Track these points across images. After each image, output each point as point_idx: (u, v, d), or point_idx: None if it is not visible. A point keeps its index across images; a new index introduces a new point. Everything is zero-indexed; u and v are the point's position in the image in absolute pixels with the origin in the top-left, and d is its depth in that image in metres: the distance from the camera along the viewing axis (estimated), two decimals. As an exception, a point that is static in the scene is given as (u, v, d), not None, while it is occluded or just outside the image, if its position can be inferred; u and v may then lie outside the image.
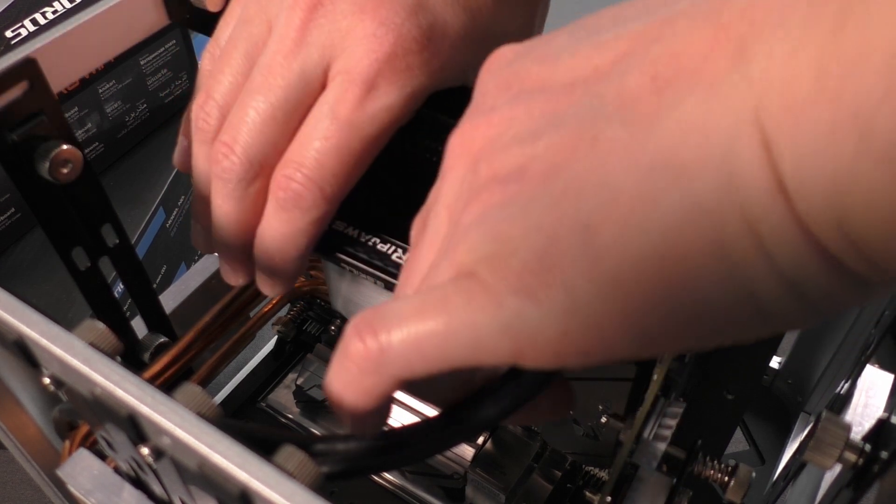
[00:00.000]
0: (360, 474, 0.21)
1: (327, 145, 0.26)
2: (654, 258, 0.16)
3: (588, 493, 0.39)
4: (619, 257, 0.16)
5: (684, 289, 0.16)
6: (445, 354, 0.19)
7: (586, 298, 0.17)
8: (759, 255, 0.15)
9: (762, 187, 0.15)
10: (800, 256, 0.15)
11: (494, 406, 0.21)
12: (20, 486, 0.55)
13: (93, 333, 0.21)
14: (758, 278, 0.16)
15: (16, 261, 0.62)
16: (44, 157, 0.28)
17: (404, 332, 0.19)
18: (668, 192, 0.16)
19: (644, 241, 0.16)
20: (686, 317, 0.16)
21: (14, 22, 0.61)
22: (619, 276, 0.16)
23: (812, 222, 0.15)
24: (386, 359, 0.19)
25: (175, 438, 0.18)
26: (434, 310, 0.19)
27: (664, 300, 0.16)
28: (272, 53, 0.27)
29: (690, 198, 0.16)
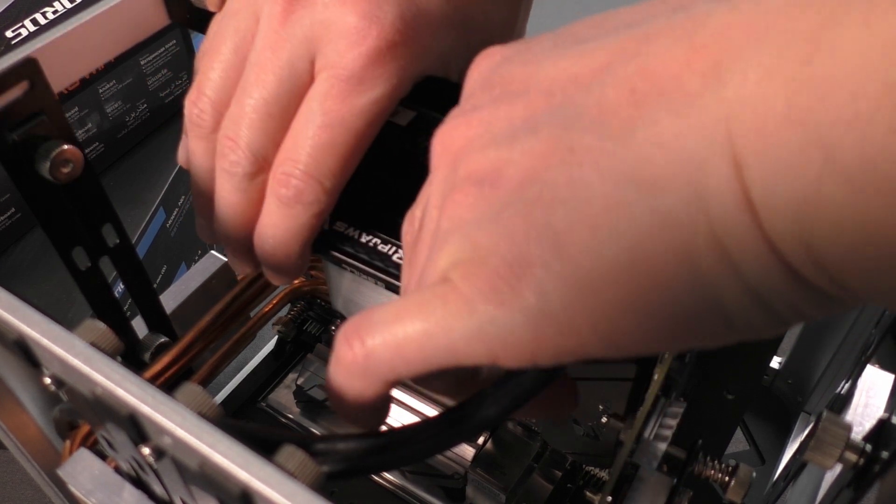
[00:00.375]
0: (361, 474, 0.21)
1: (321, 141, 0.27)
2: (624, 266, 0.17)
3: (588, 493, 0.39)
4: (589, 264, 0.17)
5: (653, 296, 0.17)
6: (425, 357, 0.20)
7: (556, 303, 0.17)
8: (726, 268, 0.16)
9: (731, 203, 0.15)
10: (765, 271, 0.16)
11: (494, 406, 0.21)
12: (20, 485, 0.55)
13: (93, 333, 0.21)
14: (724, 289, 0.16)
15: (16, 261, 0.62)
16: (44, 157, 0.29)
17: (385, 336, 0.20)
18: (638, 203, 0.16)
19: (614, 249, 0.17)
20: (654, 322, 0.17)
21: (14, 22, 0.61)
22: (589, 282, 0.17)
23: (778, 239, 0.15)
24: (371, 363, 0.20)
25: (176, 438, 0.18)
26: (412, 315, 0.20)
27: (632, 307, 0.17)
28: (260, 48, 0.27)
29: (660, 210, 0.16)
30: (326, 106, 0.26)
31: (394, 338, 0.20)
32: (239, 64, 0.28)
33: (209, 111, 0.28)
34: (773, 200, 0.15)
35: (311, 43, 0.27)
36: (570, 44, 0.20)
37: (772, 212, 0.15)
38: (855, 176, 0.14)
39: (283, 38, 0.27)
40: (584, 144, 0.17)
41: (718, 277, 0.16)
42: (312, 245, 0.30)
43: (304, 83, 0.27)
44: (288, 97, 0.27)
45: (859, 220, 0.14)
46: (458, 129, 0.21)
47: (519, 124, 0.19)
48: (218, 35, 0.29)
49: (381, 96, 0.27)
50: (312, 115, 0.27)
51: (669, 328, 0.17)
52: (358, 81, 0.26)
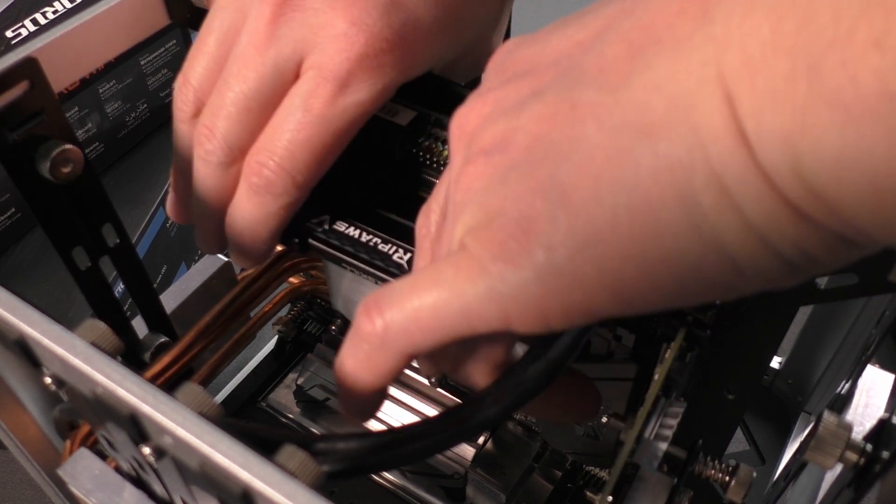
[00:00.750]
0: (362, 473, 0.21)
1: (299, 137, 0.27)
2: (626, 212, 0.17)
3: (588, 493, 0.39)
4: (594, 214, 0.17)
5: (656, 242, 0.17)
6: (441, 324, 0.20)
7: (564, 257, 0.18)
8: (728, 207, 0.16)
9: (726, 139, 0.15)
10: (766, 206, 0.16)
11: (495, 405, 0.21)
12: (20, 485, 0.55)
13: (94, 333, 0.21)
14: (728, 231, 0.16)
15: (16, 261, 0.62)
16: (44, 157, 0.28)
17: (403, 305, 0.20)
18: (636, 149, 0.17)
19: (616, 197, 0.17)
20: (660, 271, 0.17)
21: (14, 22, 0.61)
22: (594, 232, 0.17)
23: (773, 171, 0.15)
24: (390, 334, 0.21)
25: (177, 438, 0.18)
26: (427, 283, 0.20)
27: (638, 255, 0.17)
28: (245, 45, 0.28)
29: (659, 153, 0.16)
30: (308, 103, 0.27)
31: (410, 306, 0.20)
32: (222, 57, 0.29)
33: (191, 98, 0.29)
34: (765, 131, 0.15)
35: (298, 45, 0.27)
36: (573, 18, 0.20)
37: (765, 143, 0.15)
38: (839, 96, 0.14)
39: (270, 37, 0.27)
40: (584, 100, 0.18)
41: (720, 217, 0.16)
42: (313, 244, 0.30)
43: (286, 83, 0.28)
44: (268, 95, 0.28)
45: (843, 142, 0.14)
46: (473, 111, 0.21)
47: (527, 94, 0.20)
48: (205, 27, 0.29)
49: (364, 100, 0.27)
50: (293, 111, 0.27)
51: (676, 277, 0.17)
52: (343, 84, 0.27)
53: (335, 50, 0.27)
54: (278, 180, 0.27)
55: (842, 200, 0.15)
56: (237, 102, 0.28)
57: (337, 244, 0.30)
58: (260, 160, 0.28)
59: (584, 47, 0.19)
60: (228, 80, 0.28)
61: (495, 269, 0.19)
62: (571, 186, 0.17)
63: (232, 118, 0.28)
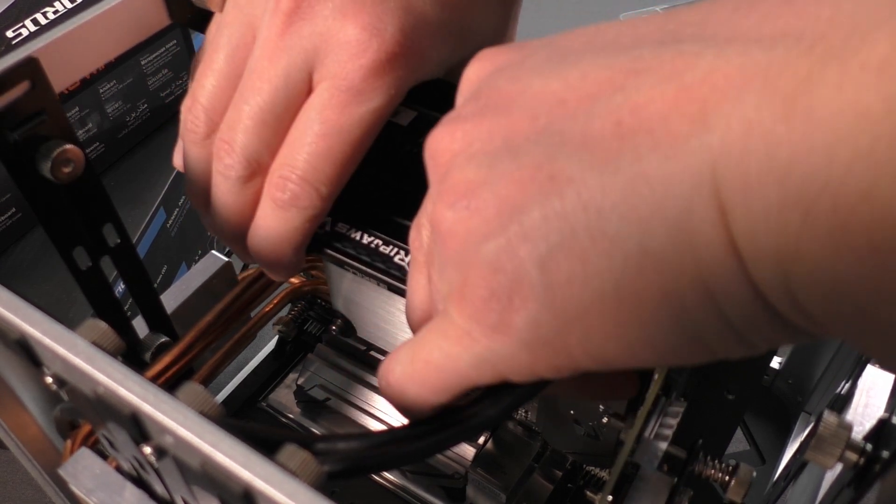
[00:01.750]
0: (362, 473, 0.21)
1: (318, 149, 0.27)
2: (610, 298, 0.17)
3: (589, 492, 0.39)
4: (578, 293, 0.17)
5: (637, 327, 0.17)
6: (445, 387, 0.21)
7: (547, 330, 0.18)
8: (710, 308, 0.16)
9: (718, 249, 0.16)
10: (749, 313, 0.16)
11: (495, 405, 0.21)
12: (21, 485, 0.55)
13: (95, 332, 0.21)
14: (706, 326, 0.17)
15: (16, 261, 0.62)
16: (45, 157, 0.28)
17: (409, 374, 0.22)
18: (623, 240, 0.17)
19: (600, 282, 0.17)
20: (640, 348, 0.18)
21: (15, 22, 0.61)
22: (578, 310, 0.18)
23: (763, 285, 0.16)
24: (407, 394, 0.22)
25: (178, 437, 0.18)
26: (424, 353, 0.21)
27: (622, 336, 0.18)
28: (258, 57, 0.28)
29: (646, 249, 0.16)
30: (325, 115, 0.27)
31: (416, 374, 0.21)
32: (232, 73, 0.29)
33: (203, 118, 0.29)
34: (758, 249, 0.15)
35: (310, 54, 0.27)
36: (560, 61, 0.19)
37: (757, 261, 0.15)
38: (830, 239, 0.14)
39: (282, 48, 0.27)
40: (565, 174, 0.17)
41: (701, 316, 0.17)
42: (314, 245, 0.30)
43: (300, 93, 0.28)
44: (283, 106, 0.28)
45: (835, 277, 0.14)
46: (443, 142, 0.21)
47: (499, 143, 0.19)
48: (212, 44, 0.29)
49: (379, 106, 0.27)
50: (311, 124, 0.27)
51: (654, 353, 0.18)
52: (357, 92, 0.27)
53: (348, 57, 0.26)
54: (303, 193, 0.28)
55: (828, 320, 0.15)
56: (253, 115, 0.28)
57: (338, 246, 0.30)
58: (283, 174, 0.28)
59: (567, 110, 0.18)
60: (244, 94, 0.28)
61: (483, 341, 0.19)
62: (554, 265, 0.17)
63: (249, 131, 0.28)
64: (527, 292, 0.18)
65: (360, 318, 0.43)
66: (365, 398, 0.45)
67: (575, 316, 0.18)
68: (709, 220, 0.16)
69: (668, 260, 0.16)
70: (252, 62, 0.28)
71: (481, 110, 0.20)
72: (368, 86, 0.27)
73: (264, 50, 0.28)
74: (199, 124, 0.29)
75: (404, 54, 0.27)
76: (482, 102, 0.21)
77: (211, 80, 0.29)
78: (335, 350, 0.46)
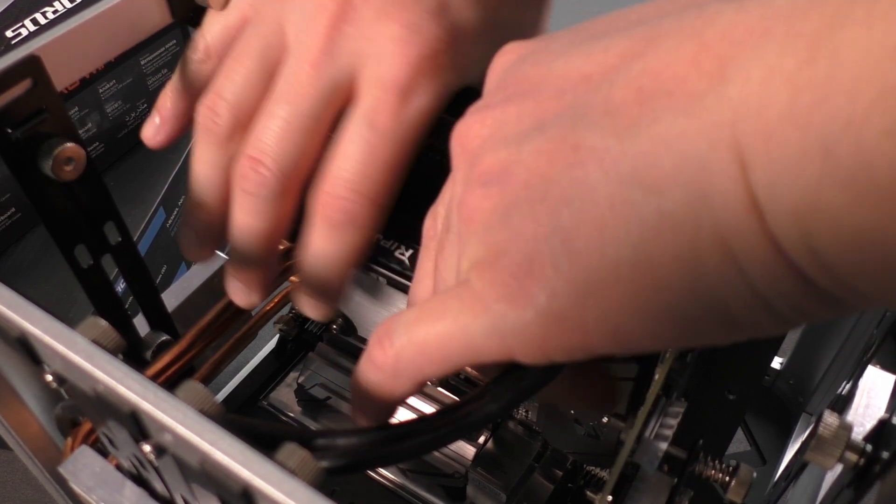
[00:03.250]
0: (361, 469, 0.21)
1: (371, 157, 0.26)
2: (629, 266, 0.17)
3: (589, 492, 0.39)
4: (596, 262, 0.17)
5: (657, 297, 0.17)
6: (447, 356, 0.20)
7: (566, 303, 0.18)
8: (732, 269, 0.16)
9: (736, 205, 0.15)
10: (771, 272, 0.16)
11: (494, 402, 0.21)
12: (21, 485, 0.55)
13: (95, 331, 0.21)
14: (729, 290, 0.16)
15: (16, 261, 0.62)
16: (47, 155, 0.28)
17: (411, 337, 0.21)
18: (641, 204, 0.16)
19: (619, 250, 0.17)
20: (658, 322, 0.17)
21: (14, 22, 0.61)
22: (596, 280, 0.17)
23: (784, 241, 0.15)
24: (401, 363, 0.21)
25: (177, 435, 0.18)
26: (433, 316, 0.20)
27: (637, 306, 0.17)
28: (298, 61, 0.26)
29: (664, 210, 0.16)
30: (375, 120, 0.26)
31: (418, 338, 0.21)
32: (264, 73, 0.27)
33: (226, 116, 0.27)
34: (778, 202, 0.15)
35: (355, 58, 0.26)
36: (580, 42, 0.20)
37: (777, 213, 0.15)
38: (852, 180, 0.14)
39: (327, 52, 0.26)
40: (588, 143, 0.17)
41: (723, 278, 0.16)
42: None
43: (341, 99, 0.27)
44: (323, 111, 0.26)
45: (858, 225, 0.14)
46: (473, 129, 0.21)
47: (528, 123, 0.19)
48: (244, 40, 0.28)
49: (429, 105, 0.27)
50: (360, 130, 0.26)
51: (673, 328, 0.17)
52: (405, 92, 0.26)
53: (393, 56, 0.26)
54: (359, 209, 0.26)
55: (852, 275, 0.15)
56: (290, 122, 0.26)
57: None
58: (334, 191, 0.26)
59: (590, 84, 0.18)
60: (278, 101, 0.26)
61: (498, 308, 0.19)
62: (574, 233, 0.17)
63: (284, 140, 0.26)
64: (546, 261, 0.18)
65: (361, 317, 0.43)
66: (365, 398, 0.45)
67: (592, 287, 0.17)
68: (727, 174, 0.15)
69: (685, 220, 0.16)
70: (292, 65, 0.26)
71: (509, 97, 0.21)
72: (416, 84, 0.26)
73: (307, 53, 0.26)
74: (221, 122, 0.27)
75: (447, 51, 0.27)
76: (510, 90, 0.21)
77: (238, 79, 0.27)
78: (336, 349, 0.46)
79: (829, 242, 0.15)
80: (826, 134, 0.14)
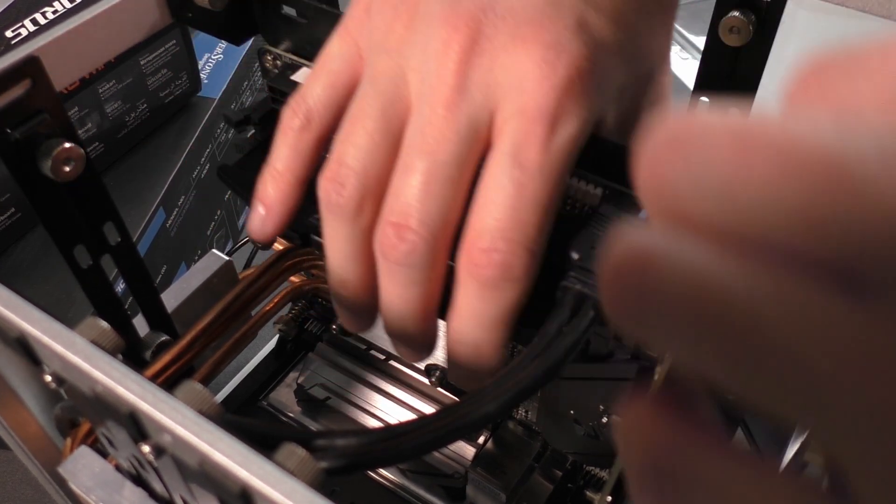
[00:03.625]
0: (360, 469, 0.21)
1: (522, 199, 0.23)
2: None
3: (589, 492, 0.39)
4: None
5: None
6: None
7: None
8: None
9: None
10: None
11: (493, 402, 0.21)
12: (20, 485, 0.55)
13: (94, 331, 0.21)
14: None
15: (16, 261, 0.62)
16: (46, 156, 0.28)
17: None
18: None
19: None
20: None
21: (14, 22, 0.61)
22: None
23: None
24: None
25: (176, 436, 0.18)
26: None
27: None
28: (430, 106, 0.24)
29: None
30: (522, 158, 0.23)
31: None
32: (389, 132, 0.24)
33: (354, 185, 0.24)
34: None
35: (492, 90, 0.24)
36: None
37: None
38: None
39: (461, 91, 0.23)
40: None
41: None
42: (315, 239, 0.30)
43: (483, 139, 0.24)
44: (466, 157, 0.24)
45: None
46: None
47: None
48: (362, 98, 0.25)
49: (576, 133, 0.24)
50: (507, 171, 0.23)
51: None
52: (552, 120, 0.23)
53: (535, 82, 0.23)
54: (515, 260, 0.23)
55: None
56: (433, 175, 0.23)
57: None
58: (485, 246, 0.23)
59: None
60: (417, 152, 0.24)
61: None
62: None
63: (431, 195, 0.23)
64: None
65: (360, 318, 0.43)
66: (365, 397, 0.45)
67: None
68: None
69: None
70: (424, 112, 0.24)
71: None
72: (563, 110, 0.23)
73: (438, 97, 0.23)
74: (348, 194, 0.24)
75: (592, 71, 0.24)
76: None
77: (363, 140, 0.24)
78: (336, 349, 0.46)
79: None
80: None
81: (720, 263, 0.11)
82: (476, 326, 0.24)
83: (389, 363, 0.45)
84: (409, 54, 0.25)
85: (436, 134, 0.23)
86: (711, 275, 0.11)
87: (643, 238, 0.12)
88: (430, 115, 0.24)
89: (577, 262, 0.25)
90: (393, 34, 0.25)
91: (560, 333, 0.23)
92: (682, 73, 0.91)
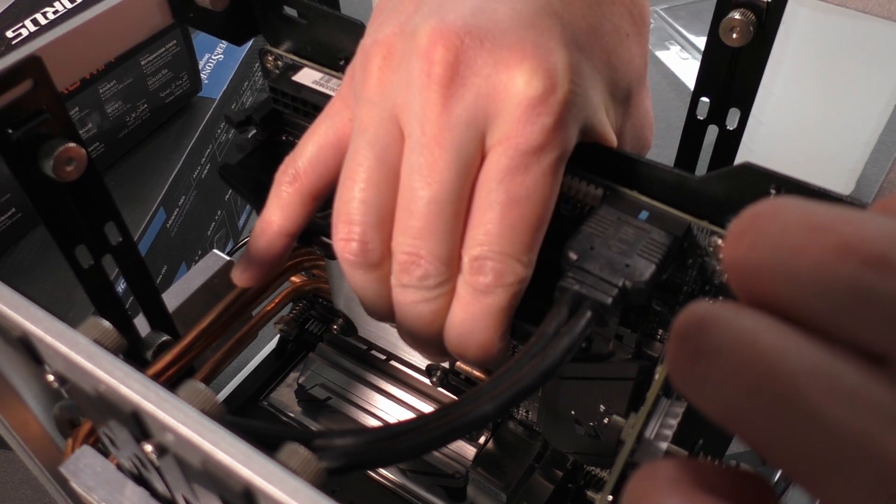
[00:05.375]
0: (361, 468, 0.21)
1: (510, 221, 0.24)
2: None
3: (589, 492, 0.39)
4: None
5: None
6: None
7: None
8: None
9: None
10: None
11: (492, 401, 0.21)
12: (20, 485, 0.55)
13: (96, 330, 0.21)
14: None
15: (16, 261, 0.62)
16: (47, 156, 0.28)
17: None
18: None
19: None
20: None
21: (14, 22, 0.61)
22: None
23: None
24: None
25: (178, 435, 0.18)
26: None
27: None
28: (421, 144, 0.25)
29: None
30: (507, 184, 0.24)
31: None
32: (387, 176, 0.26)
33: (362, 240, 0.26)
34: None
35: (480, 119, 0.24)
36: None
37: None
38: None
39: (448, 125, 0.24)
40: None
41: None
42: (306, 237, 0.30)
43: (475, 165, 0.25)
44: (462, 184, 0.25)
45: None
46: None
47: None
48: (354, 152, 0.26)
49: (561, 153, 0.25)
50: (495, 195, 0.24)
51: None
52: (536, 147, 0.24)
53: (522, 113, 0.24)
54: (505, 269, 0.25)
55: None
56: (434, 212, 0.25)
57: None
58: (478, 255, 0.25)
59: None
60: (414, 192, 0.25)
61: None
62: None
63: (435, 231, 0.25)
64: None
65: (362, 318, 0.43)
66: (366, 397, 0.45)
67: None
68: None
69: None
70: (416, 152, 0.25)
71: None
72: (546, 136, 0.24)
73: (427, 132, 0.24)
74: (360, 251, 0.26)
75: (573, 91, 0.25)
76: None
77: (362, 194, 0.26)
78: (336, 349, 0.46)
79: None
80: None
81: (770, 331, 0.14)
82: (469, 329, 0.26)
83: (390, 363, 0.45)
84: (393, 94, 0.25)
85: (427, 173, 0.25)
86: (761, 340, 0.13)
87: (705, 305, 0.14)
88: (421, 153, 0.25)
89: (575, 262, 0.25)
90: (371, 79, 0.26)
91: (558, 333, 0.23)
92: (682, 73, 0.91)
